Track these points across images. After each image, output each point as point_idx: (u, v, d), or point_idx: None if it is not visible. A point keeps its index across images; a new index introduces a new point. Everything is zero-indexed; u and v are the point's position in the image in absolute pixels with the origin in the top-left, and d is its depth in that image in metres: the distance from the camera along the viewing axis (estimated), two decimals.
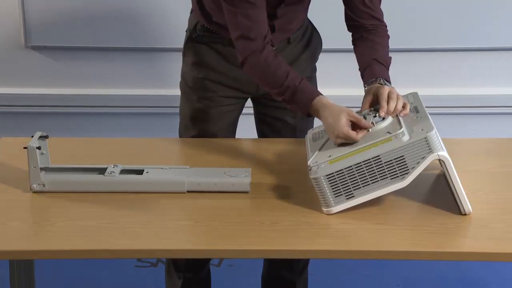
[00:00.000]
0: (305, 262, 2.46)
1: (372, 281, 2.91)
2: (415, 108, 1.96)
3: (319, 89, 2.48)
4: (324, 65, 3.42)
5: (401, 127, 1.85)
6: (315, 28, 2.42)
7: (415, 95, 2.06)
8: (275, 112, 2.34)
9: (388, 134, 1.84)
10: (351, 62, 2.32)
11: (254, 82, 2.24)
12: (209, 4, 2.22)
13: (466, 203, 1.82)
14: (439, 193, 1.95)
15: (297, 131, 2.34)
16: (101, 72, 3.44)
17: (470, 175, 2.03)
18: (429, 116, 1.90)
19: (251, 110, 2.43)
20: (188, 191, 1.95)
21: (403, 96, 2.05)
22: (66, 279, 2.90)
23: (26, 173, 1.95)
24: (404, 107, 1.95)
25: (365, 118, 1.93)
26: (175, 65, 2.43)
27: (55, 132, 2.06)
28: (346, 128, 1.90)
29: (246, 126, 2.49)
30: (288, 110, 2.26)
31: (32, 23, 3.32)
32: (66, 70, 3.43)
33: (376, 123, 1.91)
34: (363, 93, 2.12)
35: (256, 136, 2.44)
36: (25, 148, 1.92)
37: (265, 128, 2.41)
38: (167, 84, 3.31)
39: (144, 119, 3.49)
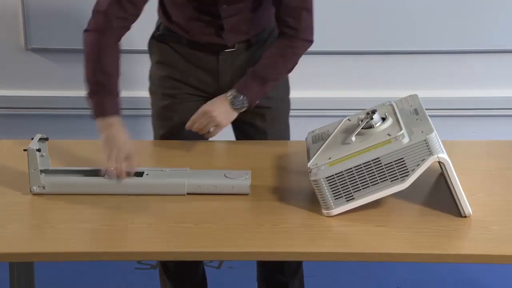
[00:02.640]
0: (298, 264, 2.45)
1: (372, 283, 2.91)
2: (415, 111, 1.96)
3: (317, 91, 2.48)
4: (322, 67, 3.44)
5: (401, 129, 1.85)
6: None
7: (414, 97, 2.06)
8: (244, 116, 2.30)
9: (388, 136, 1.84)
10: (349, 64, 2.32)
11: (215, 83, 2.28)
12: (168, 4, 2.25)
13: (466, 205, 1.82)
14: (439, 195, 1.95)
15: (269, 135, 2.33)
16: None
17: (470, 177, 2.03)
18: (429, 118, 1.90)
19: None
20: (188, 193, 1.95)
21: (402, 98, 2.05)
22: (66, 281, 2.90)
23: (26, 175, 1.95)
24: (209, 131, 2.13)
25: (361, 121, 1.92)
26: None
27: (55, 134, 2.06)
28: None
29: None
30: (257, 114, 2.27)
31: (33, 25, 3.32)
32: (66, 72, 3.43)
33: (375, 125, 1.91)
34: (360, 95, 2.12)
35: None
36: (25, 150, 1.92)
37: (239, 135, 2.41)
38: None
39: (144, 121, 3.49)
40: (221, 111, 2.15)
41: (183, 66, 2.28)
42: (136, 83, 3.01)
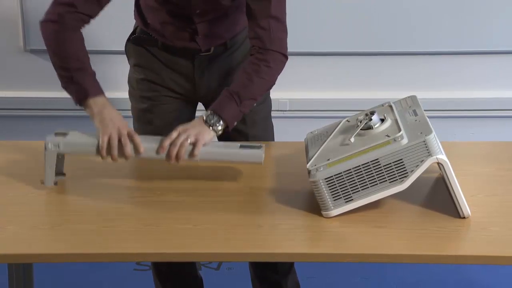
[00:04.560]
0: (290, 263, 2.45)
1: (371, 284, 2.91)
2: (414, 112, 1.96)
3: (316, 92, 2.49)
4: (321, 68, 3.44)
5: (400, 130, 1.85)
6: None
7: (413, 98, 2.06)
8: None
9: (387, 137, 1.84)
10: (348, 66, 2.32)
11: (192, 86, 2.26)
12: (144, 7, 2.24)
13: (465, 207, 1.82)
14: (438, 197, 1.95)
15: (250, 137, 2.31)
16: (100, 76, 3.43)
17: (469, 178, 2.03)
18: (427, 119, 1.90)
19: None
20: (200, 160, 1.96)
21: (401, 99, 2.05)
22: (65, 283, 2.90)
23: (23, 177, 1.96)
24: (177, 156, 1.94)
25: (360, 122, 1.92)
26: None
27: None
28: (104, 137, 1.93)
29: None
30: None
31: (31, 27, 3.32)
32: None
33: (374, 126, 1.91)
34: (359, 96, 2.11)
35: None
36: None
37: (220, 138, 2.37)
38: None
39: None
40: (197, 128, 1.99)
41: (159, 69, 2.27)
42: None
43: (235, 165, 2.08)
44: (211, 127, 2.01)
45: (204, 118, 2.02)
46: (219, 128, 2.02)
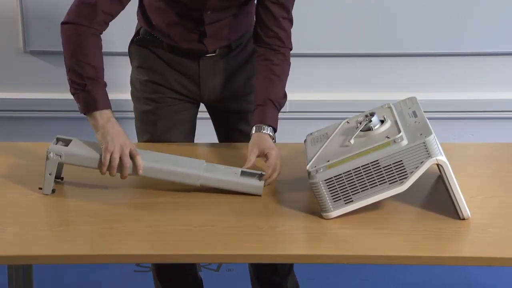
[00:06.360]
0: (290, 264, 2.45)
1: (370, 285, 2.91)
2: (414, 113, 1.96)
3: (315, 93, 2.48)
4: (321, 70, 3.44)
5: (399, 132, 1.85)
6: None
7: (413, 99, 2.06)
8: (228, 121, 2.32)
9: (386, 138, 1.84)
10: (347, 67, 2.32)
11: (197, 88, 2.26)
12: (148, 8, 2.23)
13: (465, 208, 1.82)
14: (437, 198, 1.95)
15: None
16: None
17: (468, 179, 2.03)
18: (427, 120, 1.90)
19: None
20: (201, 185, 1.95)
21: (401, 100, 2.06)
22: (65, 284, 2.89)
23: (23, 179, 1.95)
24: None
25: (360, 123, 1.92)
26: None
27: (53, 137, 2.06)
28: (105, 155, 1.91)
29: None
30: (242, 119, 2.25)
31: (31, 28, 3.32)
32: (65, 74, 3.42)
33: (374, 128, 1.91)
34: (359, 98, 2.11)
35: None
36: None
37: (223, 139, 2.39)
38: None
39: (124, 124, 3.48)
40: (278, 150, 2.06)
41: (164, 70, 2.26)
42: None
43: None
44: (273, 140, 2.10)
45: (271, 134, 2.09)
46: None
